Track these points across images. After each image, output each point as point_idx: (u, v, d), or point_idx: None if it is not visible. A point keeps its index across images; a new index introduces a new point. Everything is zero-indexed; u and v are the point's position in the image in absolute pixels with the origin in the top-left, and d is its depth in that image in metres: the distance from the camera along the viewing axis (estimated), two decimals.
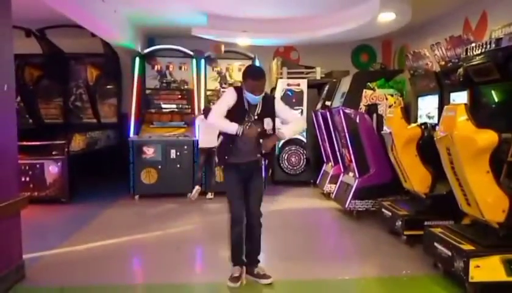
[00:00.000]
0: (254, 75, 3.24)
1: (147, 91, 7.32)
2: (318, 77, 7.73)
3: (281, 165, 7.55)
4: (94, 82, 8.27)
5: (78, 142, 6.74)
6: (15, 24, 3.66)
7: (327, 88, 6.97)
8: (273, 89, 7.79)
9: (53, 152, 6.19)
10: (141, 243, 4.57)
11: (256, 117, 3.27)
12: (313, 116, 7.18)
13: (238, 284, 3.30)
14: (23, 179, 5.89)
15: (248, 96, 3.23)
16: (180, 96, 7.39)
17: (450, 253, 3.23)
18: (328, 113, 6.15)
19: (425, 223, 4.02)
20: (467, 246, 3.13)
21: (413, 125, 4.45)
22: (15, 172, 3.54)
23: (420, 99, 5.12)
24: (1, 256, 3.21)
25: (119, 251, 4.28)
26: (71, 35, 7.03)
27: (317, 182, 7.15)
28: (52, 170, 6.12)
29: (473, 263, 3.00)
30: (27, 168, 6.02)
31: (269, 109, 3.32)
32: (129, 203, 6.40)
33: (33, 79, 7.83)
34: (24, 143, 5.34)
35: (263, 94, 3.29)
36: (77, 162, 6.53)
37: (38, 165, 6.09)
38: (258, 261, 3.46)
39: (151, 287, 3.49)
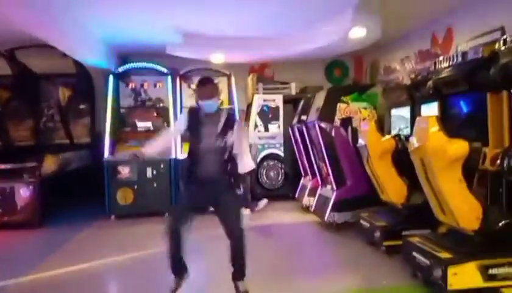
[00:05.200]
0: (199, 82, 3.46)
1: (122, 110, 7.21)
2: (293, 93, 7.83)
3: (260, 180, 7.54)
4: (66, 102, 8.11)
5: (50, 164, 6.54)
6: None
7: (302, 103, 7.05)
8: (249, 105, 7.83)
9: (25, 176, 5.97)
10: (117, 265, 4.43)
11: (219, 131, 3.31)
12: (290, 130, 7.24)
13: None
14: None
15: (202, 104, 3.34)
16: (155, 114, 7.31)
17: (428, 262, 3.27)
18: (304, 128, 6.21)
19: (403, 232, 4.07)
20: (444, 254, 3.19)
21: (387, 137, 4.54)
22: None
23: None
24: None
25: (93, 275, 4.14)
26: (41, 55, 6.90)
27: (296, 195, 7.17)
28: (24, 193, 5.90)
29: (451, 270, 3.05)
30: None
31: (230, 126, 3.37)
32: (105, 224, 6.22)
33: (2, 100, 7.63)
34: None
35: (219, 102, 3.45)
36: (50, 184, 6.32)
37: (8, 189, 5.86)
38: (243, 275, 3.37)
39: None
